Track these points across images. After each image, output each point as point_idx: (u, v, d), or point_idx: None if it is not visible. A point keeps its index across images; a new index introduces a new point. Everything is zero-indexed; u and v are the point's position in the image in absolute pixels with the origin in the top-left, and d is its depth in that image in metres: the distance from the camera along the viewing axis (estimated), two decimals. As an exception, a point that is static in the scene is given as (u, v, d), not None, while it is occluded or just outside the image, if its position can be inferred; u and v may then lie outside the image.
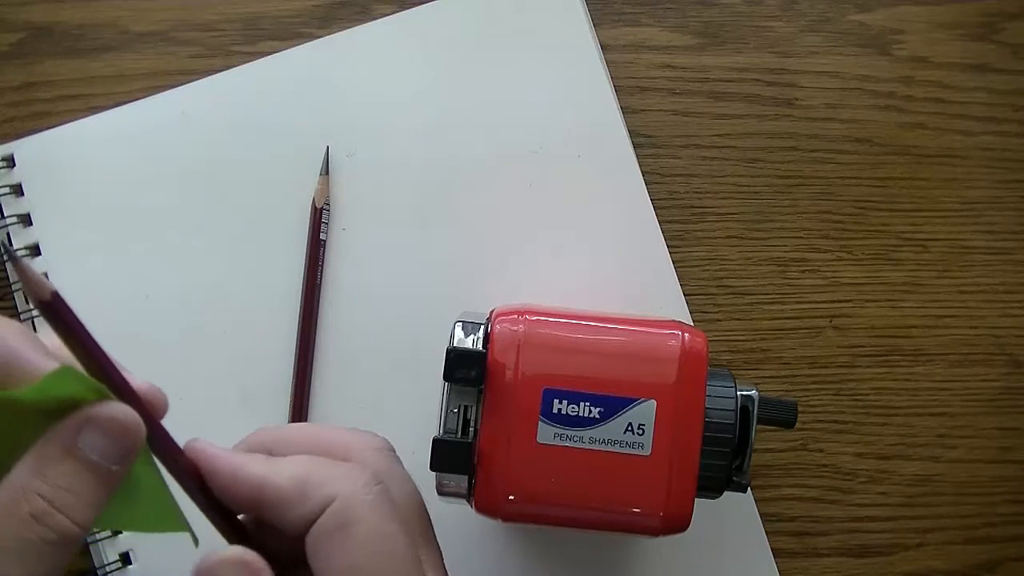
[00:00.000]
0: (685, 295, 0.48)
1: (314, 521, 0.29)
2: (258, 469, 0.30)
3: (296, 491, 0.29)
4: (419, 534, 0.32)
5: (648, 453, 0.37)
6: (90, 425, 0.26)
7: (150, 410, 0.28)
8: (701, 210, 0.50)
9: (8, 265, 0.48)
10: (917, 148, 0.50)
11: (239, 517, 0.31)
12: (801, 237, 0.50)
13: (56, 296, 0.25)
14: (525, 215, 0.49)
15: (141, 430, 0.27)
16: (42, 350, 0.28)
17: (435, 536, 0.33)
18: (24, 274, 0.24)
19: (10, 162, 0.48)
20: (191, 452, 0.30)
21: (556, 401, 0.37)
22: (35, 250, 0.48)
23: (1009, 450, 0.49)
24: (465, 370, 0.37)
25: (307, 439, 0.33)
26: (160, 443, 0.29)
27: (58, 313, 0.25)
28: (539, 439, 0.37)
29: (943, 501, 0.48)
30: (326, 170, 0.49)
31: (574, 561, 0.47)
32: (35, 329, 0.47)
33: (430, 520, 0.34)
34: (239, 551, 0.29)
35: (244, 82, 0.49)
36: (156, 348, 0.47)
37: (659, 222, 0.49)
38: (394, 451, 0.35)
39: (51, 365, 0.27)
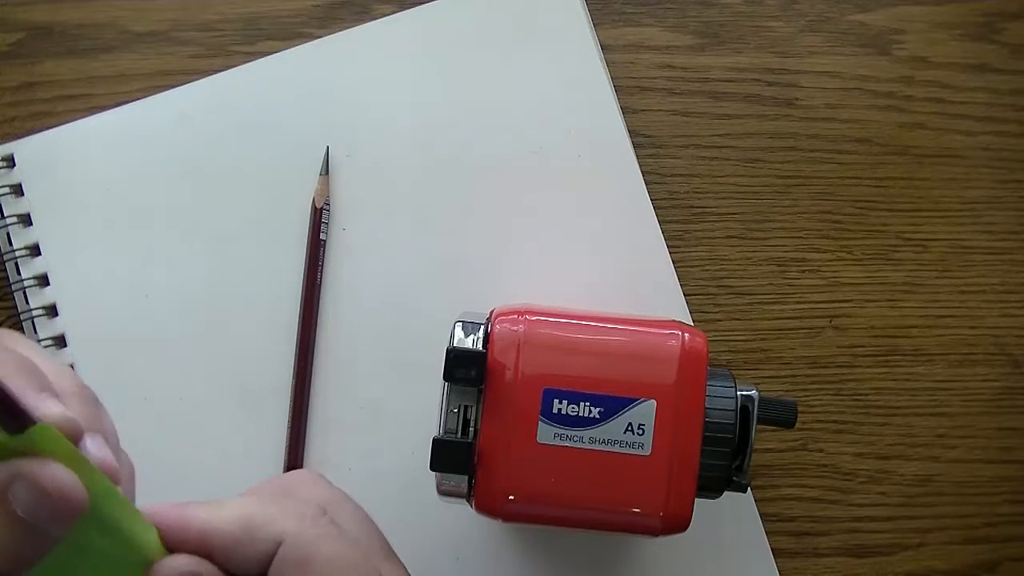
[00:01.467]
0: (685, 295, 0.48)
1: (265, 561, 0.29)
2: (202, 514, 0.30)
3: (242, 532, 0.29)
4: (376, 553, 0.33)
5: (648, 453, 0.37)
6: (21, 481, 0.25)
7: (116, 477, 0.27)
8: (701, 210, 0.50)
9: (8, 266, 0.48)
10: (917, 148, 0.50)
11: None
12: (801, 237, 0.50)
13: None
14: (525, 215, 0.49)
15: (77, 501, 0.26)
16: (39, 385, 0.27)
17: (393, 551, 0.34)
18: None
19: (10, 162, 0.48)
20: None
21: (556, 401, 0.37)
22: (35, 250, 0.48)
23: (1009, 450, 0.49)
24: (465, 370, 0.37)
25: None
26: None
27: None
28: (539, 439, 0.37)
29: (943, 501, 0.48)
30: (326, 170, 0.49)
31: (574, 561, 0.47)
32: (35, 329, 0.47)
33: (384, 538, 0.34)
34: (191, 561, 0.29)
35: (244, 82, 0.49)
36: (156, 348, 0.47)
37: (659, 222, 0.49)
38: (323, 477, 0.35)
39: (47, 406, 0.26)
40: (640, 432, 0.37)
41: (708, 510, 0.41)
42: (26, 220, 0.48)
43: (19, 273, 0.48)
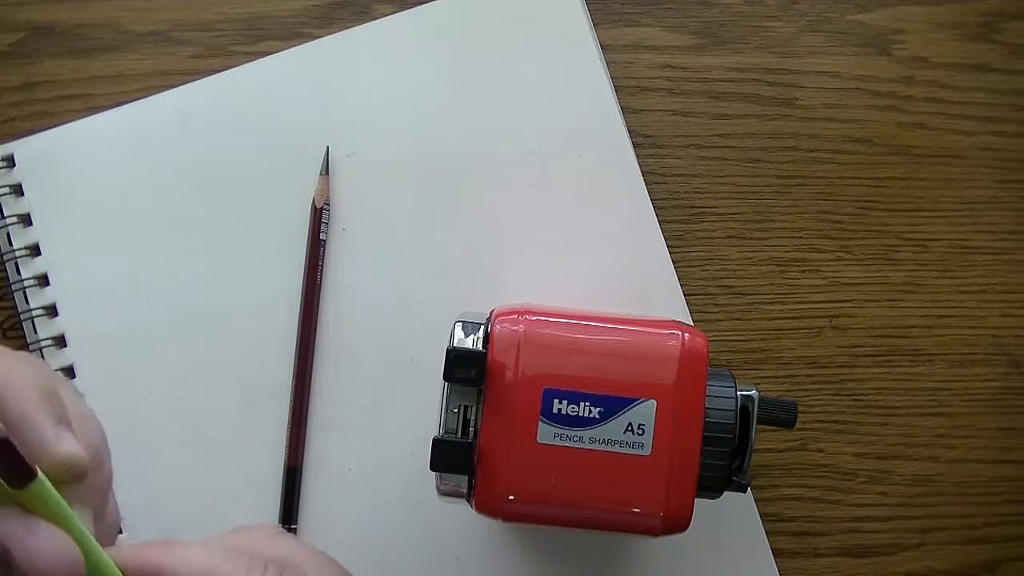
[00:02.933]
0: (685, 295, 0.48)
1: None
2: (159, 555, 0.29)
3: None
4: None
5: (648, 453, 0.37)
6: (19, 551, 0.26)
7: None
8: (701, 210, 0.50)
9: (8, 266, 0.48)
10: (917, 148, 0.50)
11: None
12: (801, 237, 0.50)
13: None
14: (525, 215, 0.49)
15: (75, 570, 0.26)
16: (55, 415, 0.27)
17: None
18: None
19: (10, 162, 0.48)
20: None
21: (556, 401, 0.37)
22: (35, 250, 0.48)
23: (1009, 450, 0.49)
24: (465, 370, 0.37)
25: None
26: None
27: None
28: (539, 439, 0.37)
29: (943, 501, 0.48)
30: (326, 170, 0.49)
31: (574, 561, 0.47)
32: (35, 329, 0.47)
33: None
34: None
35: (244, 82, 0.49)
36: (156, 348, 0.47)
37: (659, 222, 0.49)
38: (284, 531, 0.35)
39: (62, 439, 0.26)
40: (640, 432, 0.37)
41: (708, 510, 0.41)
42: (26, 220, 0.48)
43: (19, 273, 0.48)
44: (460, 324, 0.39)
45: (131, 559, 0.29)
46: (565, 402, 0.37)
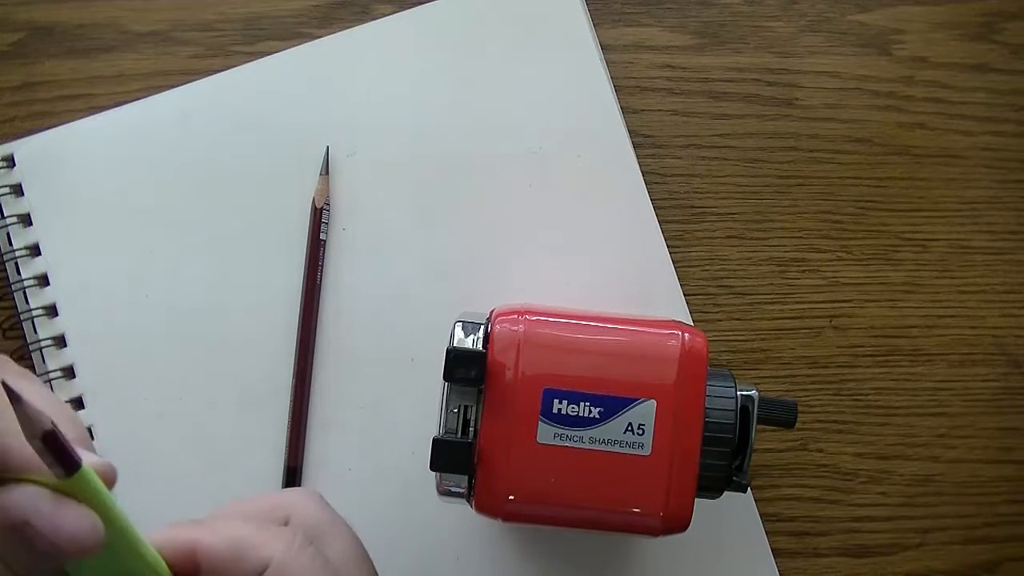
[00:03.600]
0: (685, 295, 0.48)
1: None
2: (190, 531, 0.30)
3: (231, 552, 0.30)
4: None
5: (648, 453, 0.37)
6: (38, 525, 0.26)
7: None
8: (701, 210, 0.50)
9: (8, 266, 0.48)
10: (917, 148, 0.50)
11: None
12: (801, 237, 0.50)
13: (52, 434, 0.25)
14: (525, 215, 0.49)
15: (91, 544, 0.27)
16: (81, 440, 0.28)
17: None
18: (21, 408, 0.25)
19: (10, 162, 0.48)
20: None
21: (556, 401, 0.37)
22: (35, 250, 0.48)
23: (1009, 450, 0.49)
24: (465, 370, 0.37)
25: (240, 511, 0.34)
26: None
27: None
28: (539, 439, 0.37)
29: (943, 501, 0.48)
30: (326, 170, 0.49)
31: (574, 561, 0.47)
32: (35, 330, 0.47)
33: (373, 567, 0.34)
34: None
35: (244, 82, 0.49)
36: (156, 348, 0.47)
37: (659, 222, 0.49)
38: (326, 501, 0.36)
39: (87, 456, 0.27)
40: (640, 432, 0.37)
41: (708, 510, 0.41)
42: (26, 220, 0.48)
43: (19, 273, 0.48)
44: (460, 324, 0.39)
45: (165, 538, 0.30)
46: (565, 402, 0.37)
